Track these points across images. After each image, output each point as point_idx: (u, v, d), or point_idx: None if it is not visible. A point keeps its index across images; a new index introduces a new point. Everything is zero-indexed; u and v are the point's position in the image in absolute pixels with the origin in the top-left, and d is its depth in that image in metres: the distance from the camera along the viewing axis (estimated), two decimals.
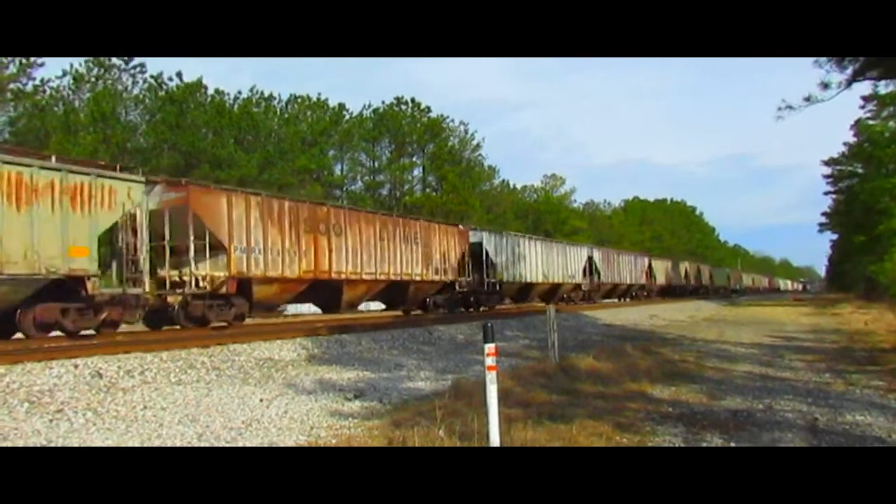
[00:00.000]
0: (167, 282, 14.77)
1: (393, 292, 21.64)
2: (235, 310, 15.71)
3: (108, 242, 13.37)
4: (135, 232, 13.22)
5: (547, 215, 64.92)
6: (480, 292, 26.21)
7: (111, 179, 12.86)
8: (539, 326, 17.81)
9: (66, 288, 12.06)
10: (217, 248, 15.00)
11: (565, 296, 34.84)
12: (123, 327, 13.69)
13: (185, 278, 14.75)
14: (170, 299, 14.69)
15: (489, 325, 4.71)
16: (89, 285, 12.23)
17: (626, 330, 21.05)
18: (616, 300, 42.62)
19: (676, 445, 5.90)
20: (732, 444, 5.94)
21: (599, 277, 38.97)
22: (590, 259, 37.91)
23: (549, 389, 8.47)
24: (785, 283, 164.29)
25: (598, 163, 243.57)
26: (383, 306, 24.21)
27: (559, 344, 11.50)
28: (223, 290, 15.18)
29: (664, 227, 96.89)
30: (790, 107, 13.90)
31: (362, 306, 23.57)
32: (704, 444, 5.96)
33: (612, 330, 20.91)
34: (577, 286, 36.06)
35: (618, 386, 9.00)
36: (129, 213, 13.08)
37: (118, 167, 13.90)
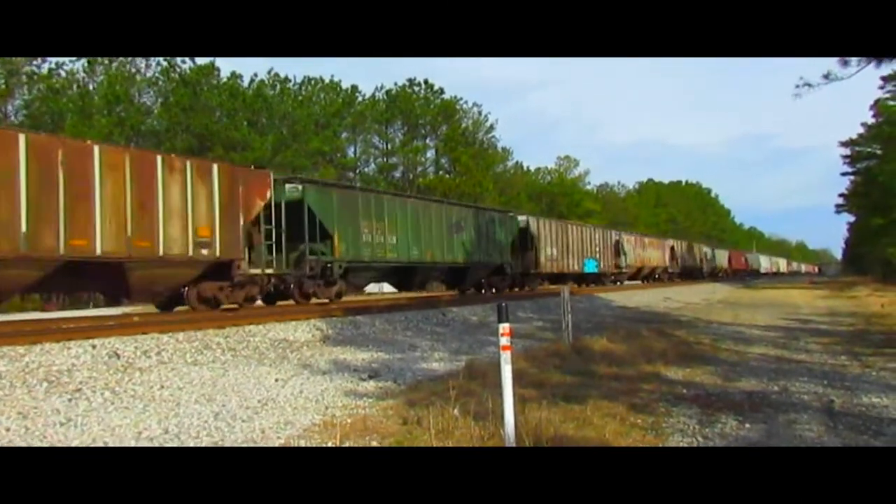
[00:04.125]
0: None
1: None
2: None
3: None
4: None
5: (561, 197, 64.62)
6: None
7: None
8: (552, 308, 17.80)
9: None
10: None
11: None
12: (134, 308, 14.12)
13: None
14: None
15: (503, 304, 4.68)
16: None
17: (640, 312, 21.00)
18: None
19: (691, 428, 5.89)
20: (747, 426, 5.92)
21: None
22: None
23: (563, 370, 8.47)
24: (774, 263, 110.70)
25: (613, 143, 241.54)
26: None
27: (573, 325, 11.49)
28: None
29: (679, 209, 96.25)
30: (808, 84, 13.69)
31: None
32: (719, 426, 5.95)
33: (625, 312, 20.86)
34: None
35: (632, 367, 8.99)
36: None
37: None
